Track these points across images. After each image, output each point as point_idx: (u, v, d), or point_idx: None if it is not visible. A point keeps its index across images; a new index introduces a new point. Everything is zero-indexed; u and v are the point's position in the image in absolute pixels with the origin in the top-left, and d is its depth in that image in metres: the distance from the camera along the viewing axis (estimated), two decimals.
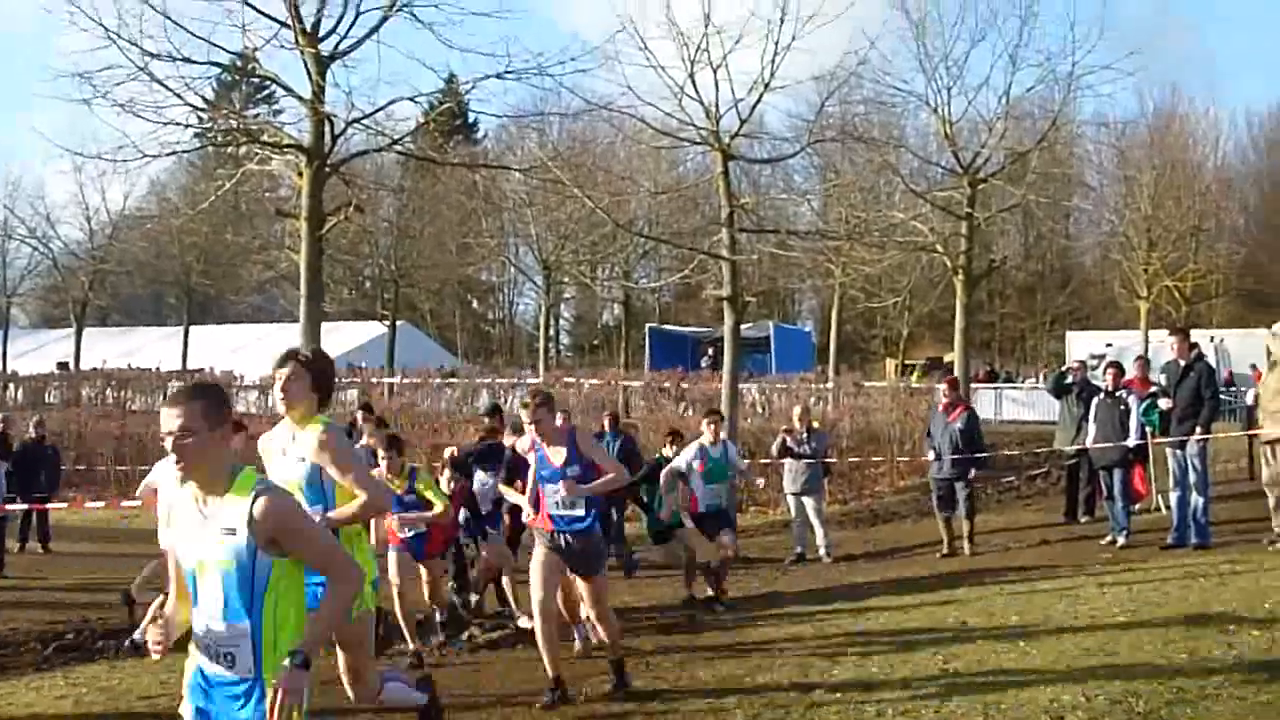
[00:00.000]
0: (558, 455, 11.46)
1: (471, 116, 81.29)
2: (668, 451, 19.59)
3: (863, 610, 16.04)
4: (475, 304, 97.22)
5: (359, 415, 19.61)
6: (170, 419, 5.61)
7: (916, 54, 34.19)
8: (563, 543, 11.45)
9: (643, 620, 15.94)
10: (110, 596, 19.89)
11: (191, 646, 5.79)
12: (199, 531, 5.67)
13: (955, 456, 21.57)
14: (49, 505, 27.16)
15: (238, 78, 41.61)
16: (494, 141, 77.59)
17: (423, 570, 14.85)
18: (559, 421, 12.38)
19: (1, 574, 22.58)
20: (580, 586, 12.15)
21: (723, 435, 18.16)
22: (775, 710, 10.89)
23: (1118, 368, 21.98)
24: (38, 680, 13.36)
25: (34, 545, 27.09)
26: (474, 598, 16.81)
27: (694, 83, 25.70)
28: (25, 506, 26.30)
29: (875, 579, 19.22)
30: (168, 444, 5.56)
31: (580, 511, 11.48)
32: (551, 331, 70.01)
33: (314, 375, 8.74)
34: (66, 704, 11.97)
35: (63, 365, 69.06)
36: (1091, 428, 21.58)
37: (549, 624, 11.31)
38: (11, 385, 60.68)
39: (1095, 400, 21.74)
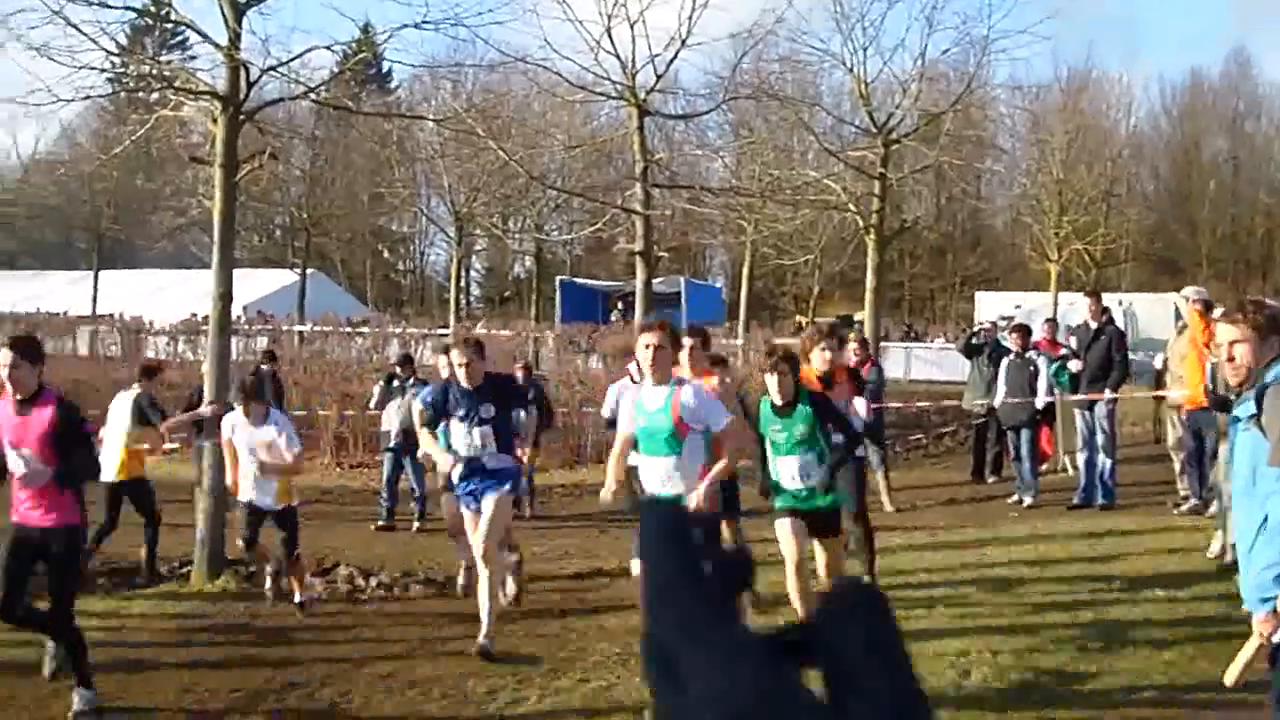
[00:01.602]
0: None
1: (386, 66, 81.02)
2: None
3: (767, 563, 16.13)
4: (386, 254, 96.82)
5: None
6: None
7: (833, 13, 34.11)
8: None
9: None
10: None
11: None
12: None
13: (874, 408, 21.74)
14: None
15: (151, 23, 41.23)
16: (408, 92, 76.96)
17: None
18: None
19: None
20: None
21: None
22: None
23: (1023, 330, 22.22)
24: None
25: None
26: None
27: (611, 37, 25.56)
28: None
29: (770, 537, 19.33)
30: None
31: None
32: (463, 283, 69.89)
33: None
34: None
35: None
36: (1001, 388, 21.80)
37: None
38: None
39: (1004, 361, 21.97)
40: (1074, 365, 20.53)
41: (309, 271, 67.21)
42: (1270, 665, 6.71)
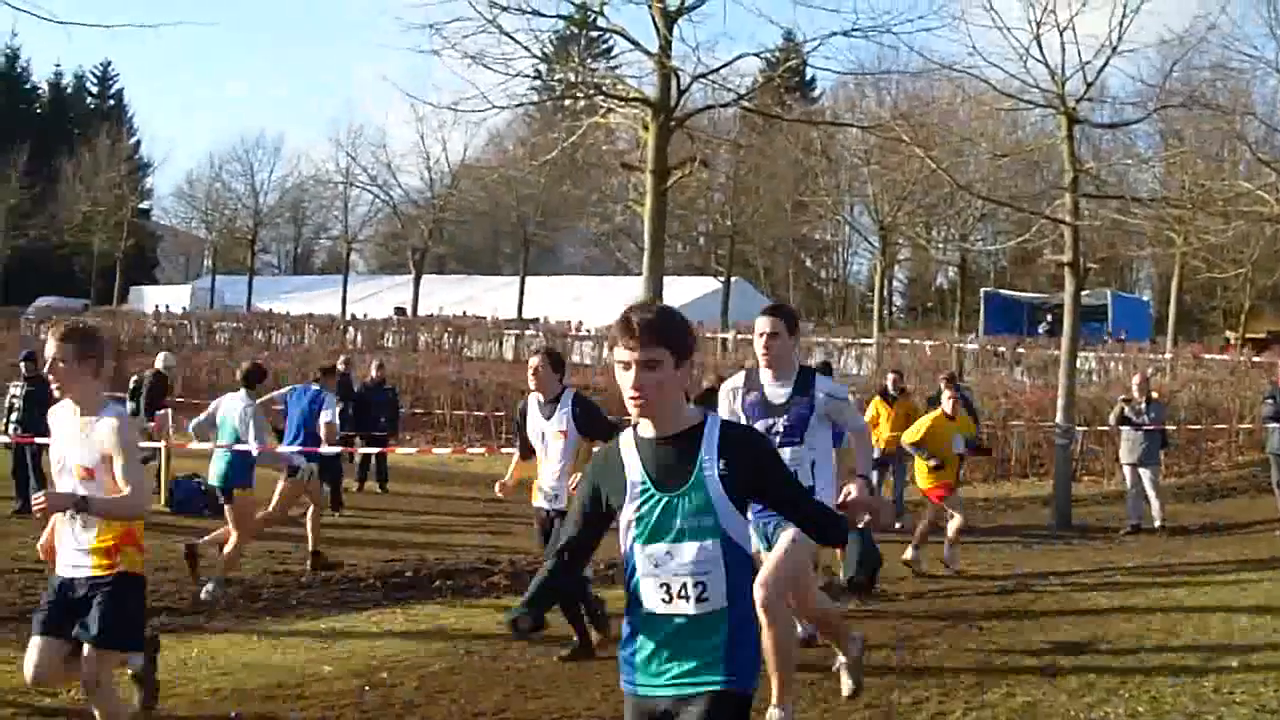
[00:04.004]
0: None
1: (810, 74, 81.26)
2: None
3: (1199, 584, 15.77)
4: (809, 262, 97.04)
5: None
6: None
7: (1267, 19, 33.37)
8: None
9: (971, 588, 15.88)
10: (446, 538, 20.43)
11: None
12: None
13: None
14: (390, 448, 27.81)
15: (577, 31, 42.04)
16: (831, 99, 77.15)
17: None
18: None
19: (340, 512, 23.07)
20: None
21: None
22: (1109, 678, 10.80)
23: None
24: (377, 615, 13.74)
25: (372, 485, 27.70)
26: None
27: (1040, 44, 25.28)
28: (372, 450, 27.00)
29: (1211, 554, 18.90)
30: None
31: None
32: (885, 293, 69.49)
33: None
34: (406, 641, 12.28)
35: (400, 311, 70.47)
36: None
37: None
38: (351, 329, 62.25)
39: None
40: None
41: (732, 279, 67.62)
42: None
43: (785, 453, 8.72)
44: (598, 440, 11.27)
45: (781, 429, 9.33)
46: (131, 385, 25.91)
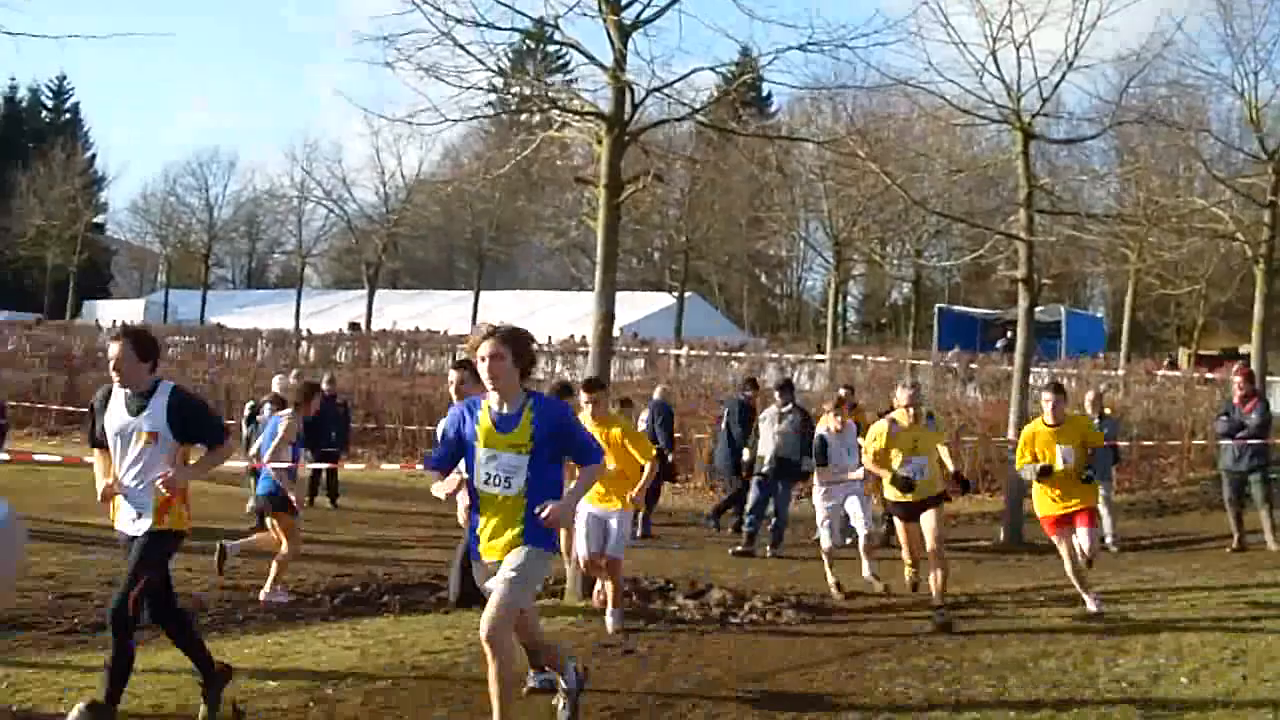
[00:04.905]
0: None
1: (766, 89, 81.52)
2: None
3: (1150, 600, 15.77)
4: (763, 278, 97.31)
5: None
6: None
7: (1223, 36, 33.42)
8: None
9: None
10: (395, 553, 20.36)
11: None
12: None
13: (1253, 444, 21.17)
14: (340, 462, 27.72)
15: (532, 45, 41.98)
16: (787, 115, 77.30)
17: None
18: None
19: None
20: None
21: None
22: (1059, 691, 10.79)
23: None
24: (324, 630, 13.62)
25: (323, 499, 27.58)
26: None
27: (995, 60, 25.30)
28: (323, 465, 26.92)
29: (1162, 570, 18.91)
30: None
31: None
32: (839, 308, 69.64)
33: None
34: (353, 655, 12.18)
35: (354, 325, 70.47)
36: None
37: None
38: (304, 343, 62.14)
39: None
40: None
41: (687, 295, 67.71)
42: None
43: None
44: None
45: None
46: (247, 412, 26.19)
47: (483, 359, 9.07)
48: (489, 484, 9.15)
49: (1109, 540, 21.88)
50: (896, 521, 15.97)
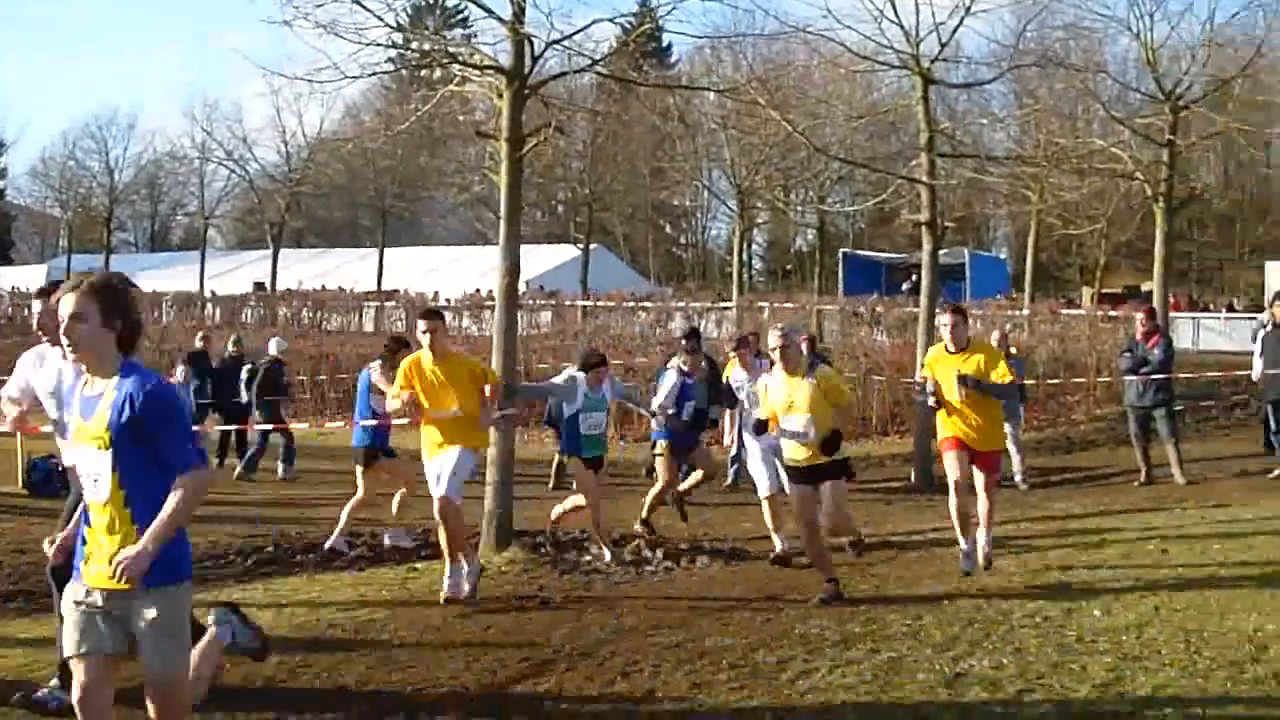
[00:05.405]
0: None
1: (666, 40, 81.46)
2: None
3: (1061, 537, 15.94)
4: (668, 228, 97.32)
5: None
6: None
7: None
8: None
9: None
10: (307, 511, 20.32)
11: None
12: None
13: (1157, 379, 21.40)
14: (249, 424, 27.59)
15: (431, 1, 41.85)
16: (688, 65, 77.31)
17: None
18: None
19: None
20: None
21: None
22: (974, 629, 10.90)
23: None
24: (239, 591, 13.54)
25: (233, 460, 27.39)
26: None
27: (894, 6, 25.31)
28: (230, 426, 26.84)
29: (1073, 505, 19.12)
30: None
31: None
32: (744, 256, 69.64)
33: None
34: (268, 614, 12.14)
35: (259, 286, 70.16)
36: (1257, 362, 21.54)
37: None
38: (209, 305, 61.79)
39: (1262, 333, 21.61)
40: None
41: (592, 246, 67.57)
42: None
43: None
44: None
45: None
46: (245, 375, 26.68)
47: (61, 320, 6.76)
48: (86, 487, 6.96)
49: (1018, 478, 22.08)
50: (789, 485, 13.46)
